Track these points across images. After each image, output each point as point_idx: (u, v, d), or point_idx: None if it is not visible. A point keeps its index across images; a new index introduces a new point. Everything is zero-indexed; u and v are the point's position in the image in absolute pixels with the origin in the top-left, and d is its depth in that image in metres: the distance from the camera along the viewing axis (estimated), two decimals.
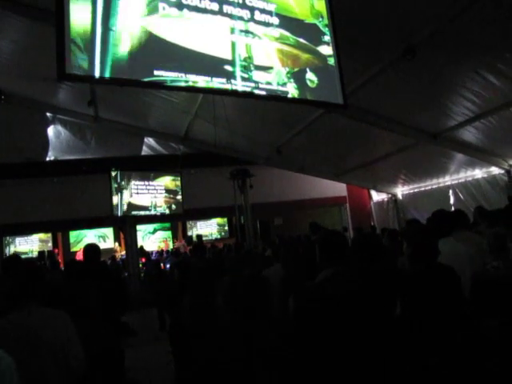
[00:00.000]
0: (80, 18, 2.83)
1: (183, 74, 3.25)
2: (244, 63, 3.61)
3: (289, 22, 3.95)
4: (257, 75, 3.67)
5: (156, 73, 3.11)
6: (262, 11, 3.80)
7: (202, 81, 3.36)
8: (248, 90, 3.63)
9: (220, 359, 2.87)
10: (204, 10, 3.46)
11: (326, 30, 4.17)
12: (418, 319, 2.45)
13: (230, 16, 3.61)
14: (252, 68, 3.65)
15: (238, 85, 3.57)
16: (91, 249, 4.54)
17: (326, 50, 4.16)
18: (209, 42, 3.45)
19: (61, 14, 2.73)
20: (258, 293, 3.04)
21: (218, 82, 3.45)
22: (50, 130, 10.52)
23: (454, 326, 2.44)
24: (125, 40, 3.03)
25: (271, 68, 3.78)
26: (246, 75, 3.61)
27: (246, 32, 3.68)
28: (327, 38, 4.17)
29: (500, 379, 2.48)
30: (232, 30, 3.60)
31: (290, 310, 2.38)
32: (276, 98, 3.95)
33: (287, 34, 3.91)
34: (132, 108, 9.23)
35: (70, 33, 2.75)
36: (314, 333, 2.13)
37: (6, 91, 8.83)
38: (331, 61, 4.17)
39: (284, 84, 3.84)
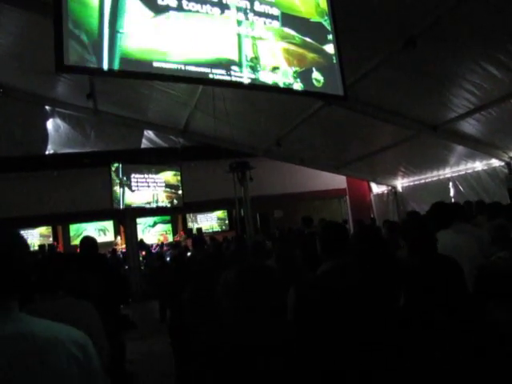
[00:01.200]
0: (79, 9, 2.81)
1: (183, 66, 3.25)
2: (251, 63, 3.61)
3: (294, 21, 3.94)
4: (263, 75, 3.67)
5: (156, 65, 3.11)
6: (267, 11, 3.79)
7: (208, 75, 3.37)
8: (252, 82, 3.64)
9: (220, 352, 2.87)
10: (208, 13, 3.45)
11: (330, 28, 4.15)
12: (420, 312, 2.45)
13: (236, 16, 3.61)
14: (259, 68, 3.65)
15: (244, 77, 3.59)
16: (88, 242, 4.54)
17: (332, 48, 4.15)
18: (216, 44, 3.45)
19: (58, 5, 2.70)
20: (267, 282, 3.04)
21: (222, 75, 3.46)
22: (49, 124, 10.49)
23: (457, 318, 2.44)
24: (130, 38, 3.02)
25: (277, 68, 3.77)
26: (253, 76, 3.62)
27: (252, 32, 3.67)
28: (332, 36, 4.15)
29: (505, 374, 2.48)
30: (238, 31, 3.60)
31: (291, 303, 2.37)
32: (279, 90, 3.95)
33: (293, 33, 3.90)
34: (131, 101, 9.20)
35: (68, 24, 2.74)
36: (315, 326, 2.13)
37: (4, 84, 8.80)
38: (336, 59, 4.15)
39: (290, 84, 3.83)
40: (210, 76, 3.38)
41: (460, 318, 2.44)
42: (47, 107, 10.30)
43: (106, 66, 2.87)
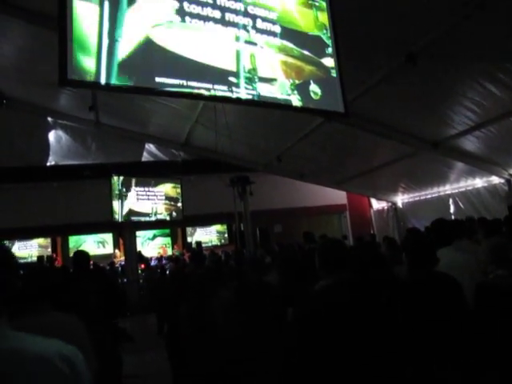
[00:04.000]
0: (84, 23, 2.84)
1: (184, 81, 3.27)
2: (248, 75, 3.62)
3: (293, 34, 3.96)
4: (261, 87, 3.69)
5: (158, 80, 3.12)
6: (265, 20, 3.82)
7: (206, 90, 3.38)
8: (251, 98, 3.65)
9: (218, 366, 2.85)
10: (207, 18, 3.48)
11: (329, 41, 4.18)
12: (417, 327, 2.44)
13: (235, 26, 3.63)
14: (256, 80, 3.66)
15: (242, 93, 3.59)
16: (80, 256, 4.53)
17: (330, 62, 4.17)
18: (214, 54, 3.46)
19: (63, 19, 2.73)
20: (265, 298, 3.02)
21: (221, 91, 3.47)
22: (51, 135, 10.54)
23: (454, 334, 2.43)
24: (130, 49, 3.04)
25: (275, 80, 3.79)
26: (250, 87, 3.63)
27: (250, 43, 3.69)
28: (331, 49, 4.18)
29: None
30: (237, 40, 3.62)
31: (291, 318, 2.36)
32: (279, 106, 3.96)
33: (291, 45, 3.92)
34: (133, 114, 9.25)
35: (73, 38, 2.76)
36: (317, 340, 2.11)
37: (7, 95, 8.86)
38: (334, 73, 4.18)
39: (288, 95, 3.85)
40: (211, 92, 3.41)
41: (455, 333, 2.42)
42: (49, 119, 10.36)
43: (108, 81, 2.89)
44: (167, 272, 11.05)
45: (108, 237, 17.87)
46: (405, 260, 2.77)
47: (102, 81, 2.88)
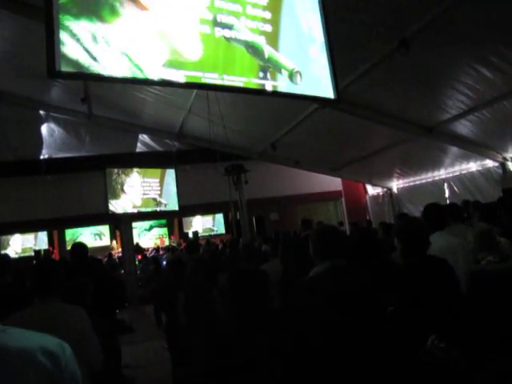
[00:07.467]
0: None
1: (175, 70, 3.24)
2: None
3: None
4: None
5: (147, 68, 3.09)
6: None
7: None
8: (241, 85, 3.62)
9: (216, 355, 2.87)
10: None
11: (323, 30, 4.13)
12: (413, 312, 2.45)
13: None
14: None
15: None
16: (78, 248, 4.53)
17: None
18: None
19: (50, 11, 2.69)
20: (258, 286, 3.02)
21: (211, 78, 3.43)
22: (44, 128, 10.44)
23: (450, 318, 2.45)
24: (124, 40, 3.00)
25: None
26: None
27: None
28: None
29: (498, 376, 2.49)
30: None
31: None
32: (267, 93, 3.91)
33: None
34: (126, 105, 9.18)
35: (60, 30, 2.72)
36: (312, 328, 2.12)
37: None
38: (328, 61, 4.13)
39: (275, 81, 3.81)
40: (202, 80, 3.38)
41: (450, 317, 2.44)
42: (41, 112, 10.26)
43: (98, 71, 2.85)
44: (164, 263, 11.08)
45: (104, 229, 17.88)
46: (397, 246, 2.77)
47: (95, 71, 2.84)
